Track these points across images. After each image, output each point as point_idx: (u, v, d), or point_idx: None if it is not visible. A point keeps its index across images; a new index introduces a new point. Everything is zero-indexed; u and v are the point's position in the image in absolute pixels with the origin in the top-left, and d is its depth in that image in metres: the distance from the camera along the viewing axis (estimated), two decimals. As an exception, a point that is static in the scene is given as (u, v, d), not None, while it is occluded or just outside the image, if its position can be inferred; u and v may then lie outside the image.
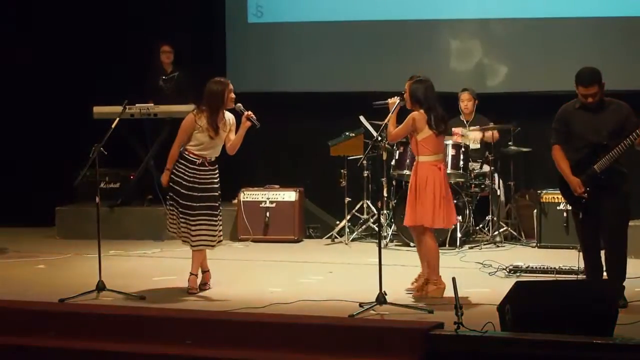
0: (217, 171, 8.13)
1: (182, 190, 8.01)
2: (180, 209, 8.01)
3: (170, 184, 8.08)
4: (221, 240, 8.20)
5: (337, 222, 10.90)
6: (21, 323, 6.91)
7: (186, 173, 8.04)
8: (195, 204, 7.98)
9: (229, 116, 8.18)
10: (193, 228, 7.99)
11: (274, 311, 7.12)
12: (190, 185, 8.01)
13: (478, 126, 10.66)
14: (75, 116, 11.11)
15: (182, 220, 8.01)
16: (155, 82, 11.32)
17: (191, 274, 8.12)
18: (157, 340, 6.57)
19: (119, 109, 8.49)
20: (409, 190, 7.89)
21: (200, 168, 8.05)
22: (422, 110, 7.71)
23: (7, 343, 6.71)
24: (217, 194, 8.11)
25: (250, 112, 8.11)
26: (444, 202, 7.78)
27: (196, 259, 8.12)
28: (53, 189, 11.27)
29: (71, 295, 7.63)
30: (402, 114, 7.92)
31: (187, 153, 8.08)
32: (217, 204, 8.09)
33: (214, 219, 8.06)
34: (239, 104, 8.16)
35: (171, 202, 8.10)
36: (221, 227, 8.16)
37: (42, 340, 6.72)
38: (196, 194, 8.00)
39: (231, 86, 8.17)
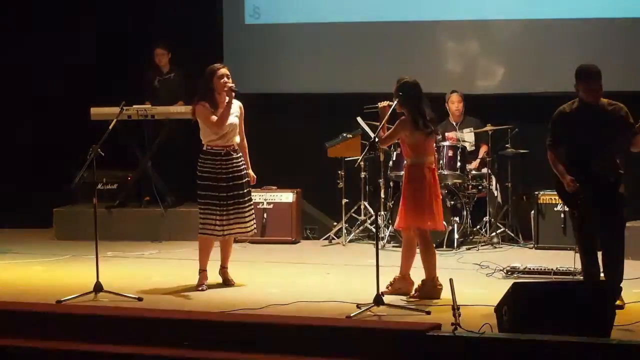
0: (241, 158, 8.26)
1: (221, 184, 8.11)
2: (227, 201, 8.10)
3: (201, 189, 8.16)
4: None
5: (335, 224, 10.89)
6: (18, 324, 6.90)
7: (215, 166, 8.12)
8: (237, 192, 8.16)
9: (236, 101, 8.24)
10: (247, 214, 8.23)
11: (271, 312, 7.12)
12: (221, 176, 8.12)
13: (471, 128, 10.68)
14: (74, 117, 11.10)
15: (233, 210, 8.11)
16: (151, 83, 11.32)
17: (223, 267, 8.38)
18: (154, 341, 6.56)
19: (116, 110, 8.50)
20: (402, 193, 7.86)
21: (225, 158, 8.14)
22: (408, 115, 7.69)
23: (4, 344, 6.70)
24: (245, 181, 8.27)
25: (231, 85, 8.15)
26: (440, 203, 7.82)
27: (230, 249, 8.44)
28: (51, 190, 11.27)
29: (69, 297, 7.63)
30: (394, 117, 7.92)
31: (209, 147, 8.11)
32: (248, 190, 8.32)
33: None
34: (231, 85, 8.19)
35: (209, 203, 8.13)
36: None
37: (39, 341, 6.71)
38: (232, 183, 8.15)
39: (222, 71, 8.18)
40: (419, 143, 7.75)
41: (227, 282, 8.32)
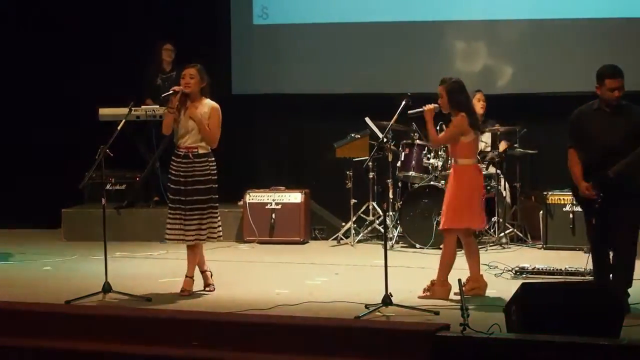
0: (206, 163, 7.98)
1: (180, 187, 7.97)
2: (186, 206, 7.93)
3: (168, 184, 8.08)
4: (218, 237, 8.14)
5: (343, 224, 10.89)
6: (27, 324, 6.92)
7: (177, 169, 8.01)
8: (197, 197, 7.93)
9: (207, 103, 8.03)
10: (205, 221, 7.97)
11: (280, 313, 7.12)
12: (177, 179, 7.99)
13: (487, 128, 10.65)
14: (82, 117, 11.12)
15: (192, 216, 7.94)
16: (154, 81, 11.33)
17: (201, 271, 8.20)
18: (163, 341, 6.58)
19: (124, 110, 8.50)
20: (449, 193, 7.82)
21: (183, 161, 7.98)
22: (463, 114, 7.70)
23: (13, 344, 6.72)
24: (203, 187, 7.95)
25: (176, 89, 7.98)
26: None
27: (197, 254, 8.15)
28: (59, 190, 11.28)
29: (77, 297, 7.64)
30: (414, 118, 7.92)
31: (176, 148, 8.07)
32: (204, 198, 7.97)
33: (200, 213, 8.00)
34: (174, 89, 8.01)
35: (171, 207, 8.04)
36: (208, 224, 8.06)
37: (48, 341, 6.73)
38: (190, 187, 7.94)
39: (184, 71, 8.03)
40: (472, 143, 7.76)
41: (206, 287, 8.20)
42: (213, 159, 8.05)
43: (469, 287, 7.74)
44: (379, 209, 10.65)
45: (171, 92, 8.01)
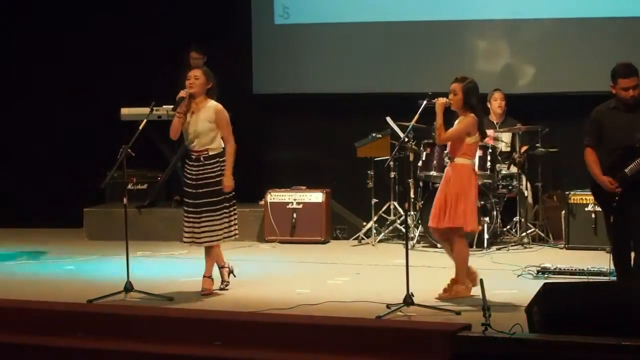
0: (217, 166, 7.95)
1: (190, 190, 7.99)
2: (194, 209, 7.94)
3: (183, 187, 8.12)
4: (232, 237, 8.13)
5: (364, 224, 10.89)
6: (49, 324, 6.95)
7: (189, 171, 8.02)
8: (197, 201, 7.93)
9: (211, 105, 8.00)
10: (217, 223, 7.96)
11: (301, 312, 7.13)
12: (189, 182, 7.99)
13: (508, 128, 10.61)
14: (104, 117, 11.16)
15: (201, 219, 7.94)
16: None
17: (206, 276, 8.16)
18: (185, 341, 6.59)
19: (146, 110, 8.52)
20: (443, 192, 7.80)
21: (195, 164, 7.98)
22: (473, 115, 7.69)
23: (35, 343, 6.75)
24: (214, 189, 7.92)
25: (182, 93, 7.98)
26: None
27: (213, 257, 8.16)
28: (81, 190, 11.33)
29: (99, 296, 7.67)
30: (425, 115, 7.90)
31: (189, 151, 8.09)
32: (216, 199, 7.95)
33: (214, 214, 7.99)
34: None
35: (184, 209, 8.08)
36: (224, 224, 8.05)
37: (70, 340, 6.75)
38: (200, 190, 7.92)
39: (189, 73, 8.07)
40: (475, 144, 7.76)
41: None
42: (224, 158, 8.02)
43: (449, 287, 7.73)
44: (400, 209, 10.64)
45: (178, 99, 8.00)
